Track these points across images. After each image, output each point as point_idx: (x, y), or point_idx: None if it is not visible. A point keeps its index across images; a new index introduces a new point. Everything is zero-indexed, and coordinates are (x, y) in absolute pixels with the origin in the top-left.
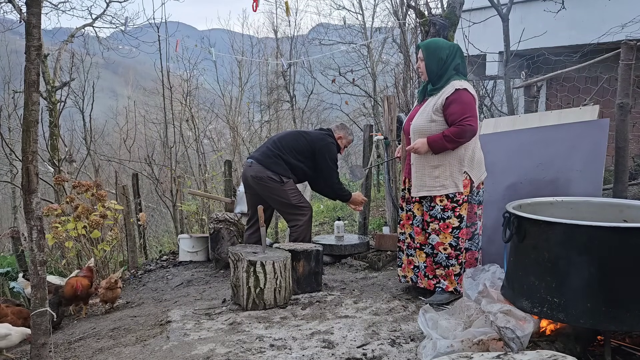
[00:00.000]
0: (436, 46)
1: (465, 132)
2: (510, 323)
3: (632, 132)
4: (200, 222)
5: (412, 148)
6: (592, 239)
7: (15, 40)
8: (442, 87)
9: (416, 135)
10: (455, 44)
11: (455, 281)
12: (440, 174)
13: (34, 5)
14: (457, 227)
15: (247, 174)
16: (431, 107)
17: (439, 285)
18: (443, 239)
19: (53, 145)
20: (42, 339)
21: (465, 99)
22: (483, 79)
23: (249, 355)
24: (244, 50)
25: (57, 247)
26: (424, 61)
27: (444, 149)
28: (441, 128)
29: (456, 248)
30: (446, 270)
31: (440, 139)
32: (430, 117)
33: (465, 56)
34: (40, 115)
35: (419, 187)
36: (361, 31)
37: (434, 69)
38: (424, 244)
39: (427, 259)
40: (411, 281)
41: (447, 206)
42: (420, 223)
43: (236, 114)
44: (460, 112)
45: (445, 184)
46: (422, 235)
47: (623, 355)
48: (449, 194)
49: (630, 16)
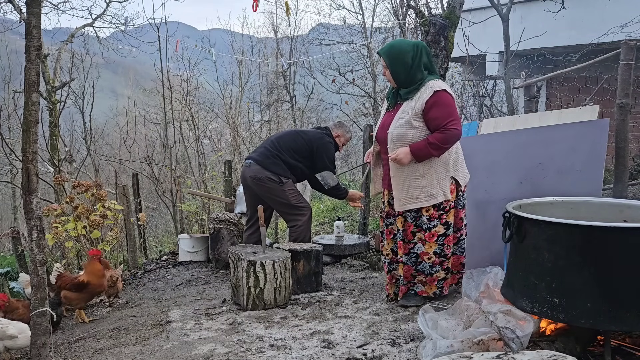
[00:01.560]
0: (399, 50)
1: (451, 137)
2: (510, 323)
3: (632, 132)
4: (200, 222)
5: (394, 158)
6: (592, 239)
7: (15, 40)
8: (417, 89)
9: (396, 144)
10: (418, 42)
11: (438, 286)
12: (426, 183)
13: (34, 5)
14: (442, 235)
15: (246, 174)
16: (409, 112)
17: (414, 288)
18: (428, 249)
19: (53, 145)
20: (42, 339)
21: (445, 101)
22: (483, 79)
23: (249, 355)
24: (244, 50)
25: (57, 247)
26: (389, 69)
27: (428, 157)
28: (423, 134)
29: (440, 255)
30: (429, 277)
31: (425, 147)
32: (410, 123)
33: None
34: (40, 115)
35: (404, 200)
36: (361, 31)
37: (402, 75)
38: (404, 254)
39: (404, 267)
40: (394, 296)
41: (434, 215)
42: (402, 236)
43: (236, 114)
44: (443, 116)
45: (433, 193)
46: (402, 247)
47: (623, 355)
48: (435, 204)
49: (630, 16)
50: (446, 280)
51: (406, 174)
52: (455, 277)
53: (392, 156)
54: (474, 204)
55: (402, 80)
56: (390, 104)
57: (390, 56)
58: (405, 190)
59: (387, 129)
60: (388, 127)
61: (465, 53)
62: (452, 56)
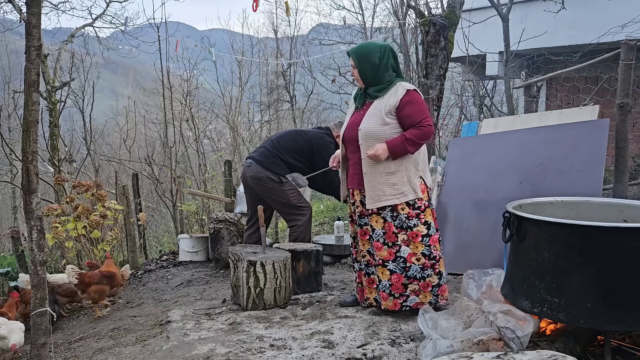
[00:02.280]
0: (367, 50)
1: (425, 133)
2: (510, 323)
3: (632, 132)
4: (200, 222)
5: (372, 154)
6: (592, 239)
7: (15, 40)
8: (388, 88)
9: (368, 140)
10: (386, 44)
11: (433, 293)
12: (397, 180)
13: (34, 5)
14: (426, 235)
15: (247, 174)
16: (381, 109)
17: (406, 303)
18: (414, 249)
19: (53, 145)
20: (42, 339)
21: (418, 99)
22: (483, 79)
23: (249, 355)
24: (244, 50)
25: (57, 247)
26: (357, 68)
27: (405, 154)
28: (394, 131)
29: (430, 257)
30: (422, 282)
31: (402, 143)
32: (383, 120)
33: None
34: (40, 115)
35: (376, 197)
36: (361, 31)
37: (369, 75)
38: (387, 259)
39: (393, 276)
40: (375, 302)
41: (411, 214)
42: (382, 237)
43: (236, 114)
44: (417, 113)
45: (403, 190)
46: (384, 250)
47: (623, 355)
48: (409, 202)
49: (630, 16)
50: (441, 288)
51: (378, 171)
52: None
53: (370, 152)
54: (474, 204)
55: (369, 80)
56: (359, 104)
57: (359, 56)
58: (377, 188)
59: (356, 127)
60: (357, 125)
61: (465, 53)
62: (452, 56)
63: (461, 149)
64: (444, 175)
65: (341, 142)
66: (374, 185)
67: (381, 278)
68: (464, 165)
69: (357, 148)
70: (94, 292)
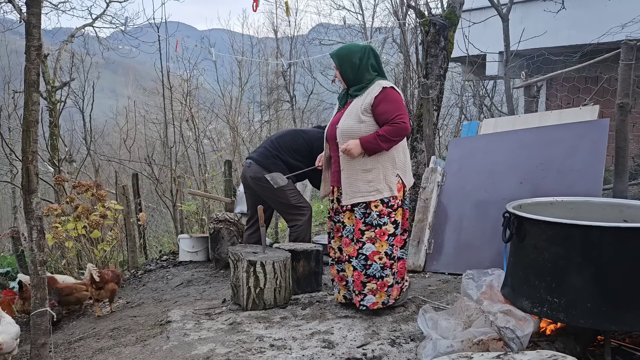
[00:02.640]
0: (347, 51)
1: (399, 130)
2: (510, 323)
3: (632, 132)
4: (200, 222)
5: (344, 149)
6: (592, 239)
7: (15, 40)
8: (366, 87)
9: (345, 138)
10: (367, 45)
11: (387, 293)
12: (373, 177)
13: (34, 5)
14: (392, 234)
15: (246, 174)
16: (358, 107)
17: (363, 302)
18: (379, 247)
19: (53, 145)
20: (42, 339)
21: (394, 97)
22: (483, 79)
23: (249, 355)
24: (244, 50)
25: (57, 247)
26: (338, 69)
27: (378, 150)
28: (371, 129)
29: (391, 257)
30: (379, 282)
31: (375, 139)
32: (359, 117)
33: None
34: (40, 115)
35: (351, 193)
36: (361, 31)
37: (350, 75)
38: (352, 256)
39: (354, 273)
40: (345, 299)
41: (383, 212)
42: (351, 233)
43: (236, 114)
44: (391, 110)
45: (379, 188)
46: (351, 246)
47: (623, 355)
48: (384, 199)
49: (630, 16)
50: (393, 288)
51: (354, 167)
52: (398, 288)
53: (342, 147)
54: (474, 204)
55: (350, 80)
56: (341, 104)
57: (340, 57)
58: (352, 184)
59: (336, 126)
60: (337, 124)
61: (465, 53)
62: (452, 56)
63: (461, 149)
64: (444, 175)
65: (325, 141)
66: (350, 181)
67: (348, 274)
68: (464, 165)
69: (337, 146)
70: (110, 291)
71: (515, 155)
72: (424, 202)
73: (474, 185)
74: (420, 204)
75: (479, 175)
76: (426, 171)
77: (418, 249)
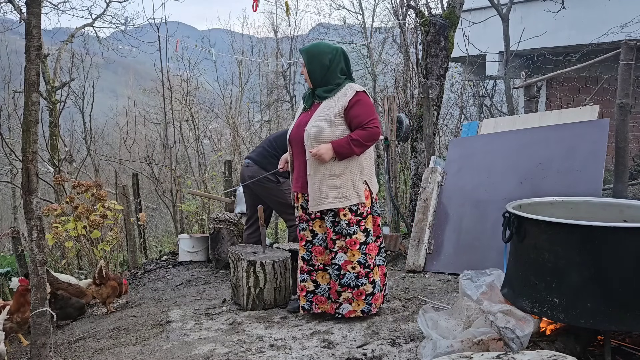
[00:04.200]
0: (318, 51)
1: (372, 134)
2: (510, 323)
3: (632, 132)
4: (200, 222)
5: (315, 154)
6: (592, 239)
7: (15, 40)
8: (337, 89)
9: (314, 141)
10: (338, 47)
11: (366, 302)
12: (342, 183)
13: (34, 5)
14: (364, 243)
15: (245, 174)
16: (329, 110)
17: (339, 311)
18: (351, 257)
19: (53, 145)
20: (42, 339)
21: (367, 101)
22: (483, 79)
23: (249, 355)
24: (244, 50)
25: (57, 247)
26: (306, 67)
27: (350, 155)
28: (341, 133)
29: (365, 265)
30: (355, 290)
31: (348, 144)
32: (330, 120)
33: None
34: (40, 115)
35: (318, 200)
36: (361, 31)
37: (317, 75)
38: (327, 264)
39: (331, 281)
40: (303, 310)
41: (352, 220)
42: (324, 242)
43: (236, 114)
44: (365, 114)
45: (347, 194)
46: (325, 255)
47: (623, 355)
48: (352, 207)
49: (630, 16)
50: (374, 296)
51: (322, 173)
52: (382, 296)
53: (312, 151)
54: (474, 204)
55: (317, 81)
56: (306, 104)
57: (309, 54)
58: (320, 190)
59: (303, 128)
60: (304, 126)
61: (465, 53)
62: (452, 56)
63: (461, 149)
64: (444, 175)
65: (288, 144)
66: (318, 187)
67: (320, 283)
68: (464, 165)
69: (303, 150)
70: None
71: (515, 155)
72: (424, 202)
73: (474, 185)
74: (420, 204)
75: (479, 176)
76: (426, 171)
77: (418, 249)
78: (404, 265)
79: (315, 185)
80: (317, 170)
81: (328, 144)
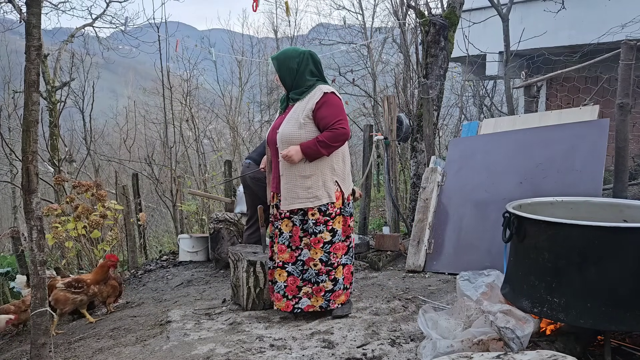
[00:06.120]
0: (285, 56)
1: (339, 135)
2: (510, 323)
3: (632, 132)
4: (200, 222)
5: (285, 155)
6: (592, 238)
7: (15, 40)
8: (307, 91)
9: (285, 143)
10: (306, 50)
11: (325, 298)
12: (312, 184)
13: (34, 5)
14: (329, 242)
15: (245, 174)
16: (299, 112)
17: (298, 305)
18: (313, 255)
19: (53, 145)
20: (42, 339)
21: (334, 102)
22: (483, 79)
23: (249, 355)
24: (244, 50)
25: (57, 247)
26: (278, 73)
27: (318, 156)
28: (311, 135)
29: (327, 263)
30: (315, 287)
31: (315, 145)
32: (299, 123)
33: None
34: (40, 115)
35: (290, 199)
36: (361, 31)
37: (288, 80)
38: (287, 262)
39: (289, 278)
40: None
41: (319, 220)
42: (287, 240)
43: (236, 114)
44: (332, 115)
45: (318, 194)
46: (286, 253)
47: (623, 355)
48: (321, 207)
49: (630, 16)
50: (334, 293)
51: (294, 173)
52: (347, 294)
53: (282, 153)
54: (474, 204)
55: (288, 84)
56: (282, 108)
57: (279, 61)
58: (291, 190)
59: (277, 130)
60: (277, 128)
61: (465, 53)
62: (452, 56)
63: (461, 149)
64: (444, 175)
65: (266, 145)
66: (289, 187)
67: (277, 280)
68: (464, 165)
69: (277, 151)
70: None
71: (515, 155)
72: (424, 202)
73: (474, 185)
74: (420, 204)
75: (479, 175)
76: (426, 171)
77: (418, 249)
78: (404, 265)
79: (287, 185)
80: (289, 171)
81: (297, 145)
